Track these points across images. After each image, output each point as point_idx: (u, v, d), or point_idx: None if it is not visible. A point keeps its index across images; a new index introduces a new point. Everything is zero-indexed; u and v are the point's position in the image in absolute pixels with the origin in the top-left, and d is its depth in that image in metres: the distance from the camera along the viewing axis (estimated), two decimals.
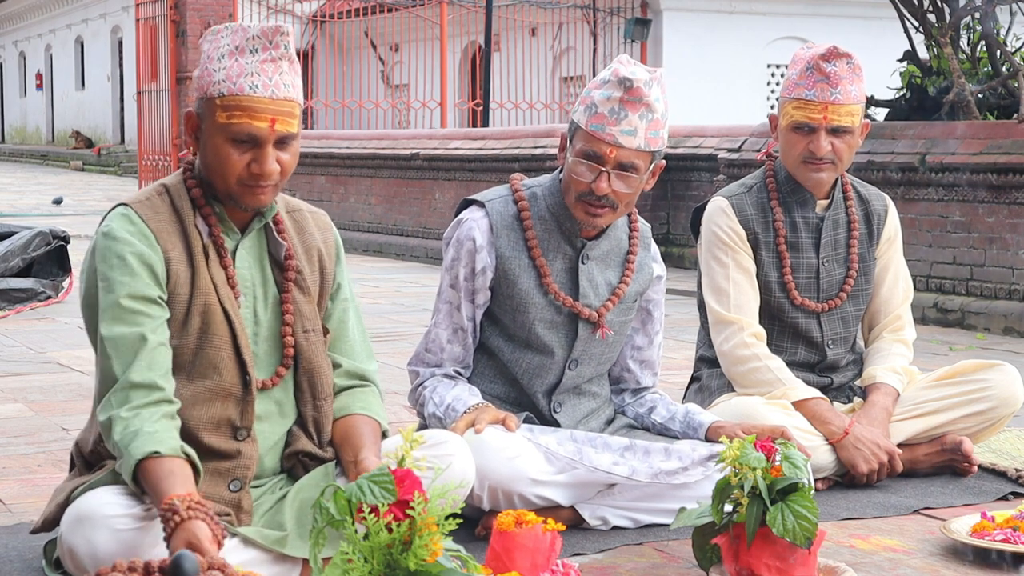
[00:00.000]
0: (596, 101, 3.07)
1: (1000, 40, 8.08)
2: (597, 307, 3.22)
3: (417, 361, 3.29)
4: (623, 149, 3.05)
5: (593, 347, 3.25)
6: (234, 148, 2.61)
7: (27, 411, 4.74)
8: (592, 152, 3.06)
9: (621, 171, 3.06)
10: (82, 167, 27.89)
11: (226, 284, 2.68)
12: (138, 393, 2.53)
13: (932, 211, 7.27)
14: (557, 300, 3.19)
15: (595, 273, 3.23)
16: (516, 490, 3.04)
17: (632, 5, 19.51)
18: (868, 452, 3.55)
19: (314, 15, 20.47)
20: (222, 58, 2.62)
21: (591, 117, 3.07)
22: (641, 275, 3.30)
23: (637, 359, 3.40)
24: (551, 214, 3.20)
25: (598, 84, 3.10)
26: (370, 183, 12.61)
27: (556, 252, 3.20)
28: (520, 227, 3.19)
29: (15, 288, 7.71)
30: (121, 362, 2.55)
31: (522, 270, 3.18)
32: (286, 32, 2.64)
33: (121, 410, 2.51)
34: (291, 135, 2.64)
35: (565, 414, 3.27)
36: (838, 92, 3.58)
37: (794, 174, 3.71)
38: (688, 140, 10.53)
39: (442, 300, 3.24)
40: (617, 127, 3.04)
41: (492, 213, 3.20)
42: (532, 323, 3.19)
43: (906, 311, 3.88)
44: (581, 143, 3.08)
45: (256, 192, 2.64)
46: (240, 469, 2.67)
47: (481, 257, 3.17)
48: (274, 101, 2.60)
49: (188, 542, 2.29)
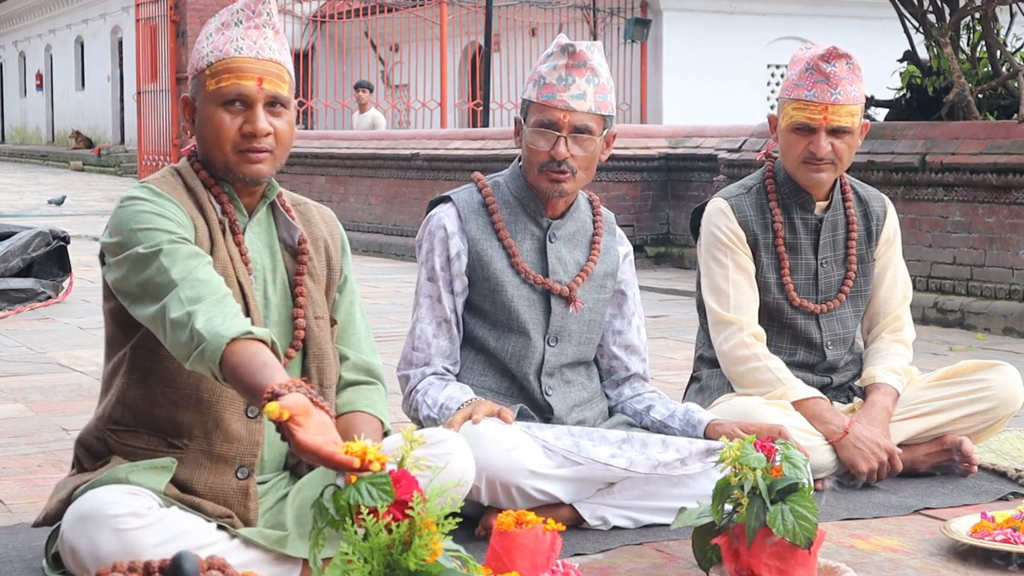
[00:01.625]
0: (543, 73, 3.23)
1: (1000, 40, 8.08)
2: (567, 283, 3.31)
3: (405, 364, 3.31)
4: (575, 113, 3.18)
5: (570, 323, 3.31)
6: (226, 112, 2.66)
7: (27, 411, 4.74)
8: (547, 120, 3.20)
9: (576, 134, 3.19)
10: (82, 167, 27.89)
11: (240, 260, 2.70)
12: (209, 288, 2.48)
13: (932, 211, 7.27)
14: (528, 278, 3.27)
15: (563, 252, 3.33)
16: (514, 482, 3.05)
17: (632, 5, 19.52)
18: (868, 451, 3.55)
19: (314, 15, 20.48)
20: (210, 36, 2.71)
21: (540, 89, 3.21)
22: (608, 257, 3.39)
23: (620, 344, 3.44)
24: (515, 198, 3.32)
25: (542, 59, 3.27)
26: (370, 183, 12.62)
27: (524, 233, 3.31)
28: (487, 212, 3.32)
29: (15, 288, 7.70)
30: (181, 268, 2.49)
31: (493, 251, 3.28)
32: (268, 1, 2.71)
33: (198, 305, 2.42)
34: (282, 99, 2.67)
35: (557, 398, 3.30)
36: (838, 93, 3.58)
37: (794, 175, 3.71)
38: (688, 140, 10.54)
39: (422, 295, 3.33)
40: (567, 92, 3.18)
41: (459, 202, 3.33)
42: (511, 301, 3.26)
43: (905, 311, 3.88)
44: (535, 115, 3.22)
45: (252, 159, 2.66)
46: (247, 455, 2.67)
47: (454, 242, 3.29)
48: (260, 60, 2.66)
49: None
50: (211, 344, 2.37)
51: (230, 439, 2.66)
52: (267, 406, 2.17)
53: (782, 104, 3.68)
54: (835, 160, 3.64)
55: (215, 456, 2.65)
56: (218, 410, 2.65)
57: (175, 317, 2.44)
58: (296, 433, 2.16)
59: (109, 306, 2.71)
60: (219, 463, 2.65)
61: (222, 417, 2.65)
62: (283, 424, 2.17)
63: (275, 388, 2.23)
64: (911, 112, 8.47)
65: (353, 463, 2.11)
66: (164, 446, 2.66)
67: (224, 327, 2.38)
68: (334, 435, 2.20)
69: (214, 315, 2.41)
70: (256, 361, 2.34)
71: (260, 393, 2.25)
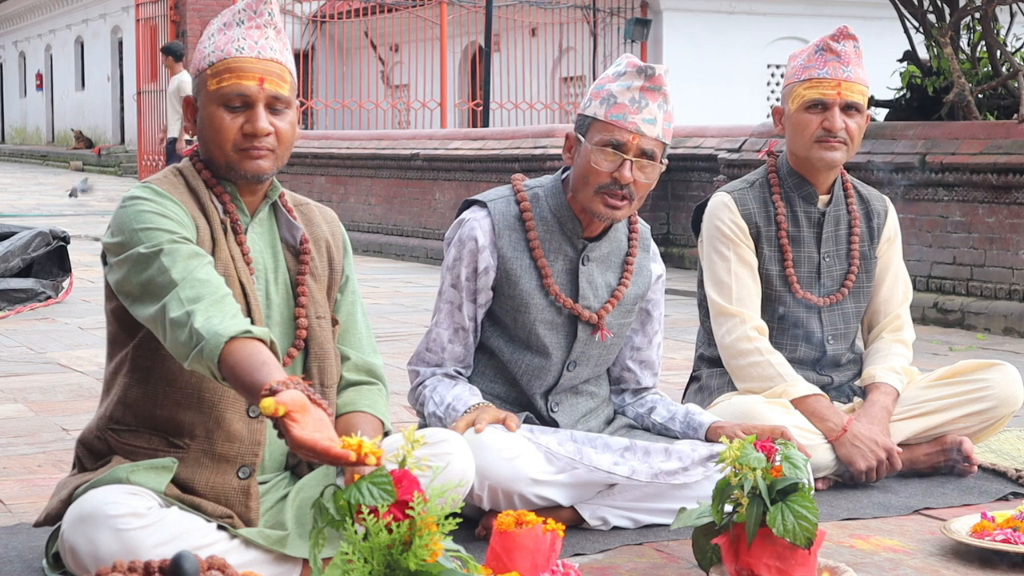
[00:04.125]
0: (614, 92, 3.10)
1: (1000, 40, 8.08)
2: (596, 309, 3.23)
3: (417, 361, 3.29)
4: (645, 137, 3.09)
5: (592, 349, 3.26)
6: (227, 112, 2.66)
7: (27, 411, 4.74)
8: (614, 141, 3.08)
9: (642, 159, 3.10)
10: (82, 167, 27.88)
11: (242, 260, 2.70)
12: (208, 288, 2.48)
13: (932, 211, 7.27)
14: (558, 301, 3.19)
15: (595, 275, 3.24)
16: (516, 490, 3.04)
17: (632, 5, 19.51)
18: (866, 449, 3.56)
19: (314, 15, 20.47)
20: (212, 36, 2.71)
21: (610, 108, 3.10)
22: (640, 278, 3.31)
23: (637, 359, 3.40)
24: (553, 215, 3.21)
25: (612, 77, 3.13)
26: (370, 183, 12.62)
27: (557, 253, 3.21)
28: (522, 228, 3.20)
29: (15, 288, 7.70)
30: (182, 267, 2.50)
31: (523, 271, 3.18)
32: (269, 1, 2.71)
33: (197, 304, 2.43)
34: (283, 98, 2.67)
35: (563, 414, 3.27)
36: (848, 70, 3.63)
37: (807, 157, 3.68)
38: (688, 140, 10.53)
39: (443, 300, 3.24)
40: (639, 115, 3.08)
41: (494, 213, 3.21)
42: (533, 324, 3.19)
43: (905, 312, 3.89)
44: (601, 134, 3.10)
45: (253, 156, 2.66)
46: (248, 455, 2.67)
47: (483, 257, 3.18)
48: (261, 60, 2.66)
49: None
50: (210, 343, 2.37)
51: (232, 439, 2.66)
52: (263, 401, 2.17)
53: (791, 89, 3.69)
54: (847, 140, 3.65)
55: (217, 456, 2.65)
56: (220, 410, 2.65)
57: (174, 316, 2.44)
58: (292, 429, 2.16)
59: (111, 306, 2.71)
60: (221, 463, 2.65)
61: (224, 417, 2.65)
62: (279, 420, 2.17)
63: (272, 385, 2.23)
64: (911, 112, 8.47)
65: (349, 456, 2.12)
66: (166, 446, 2.66)
67: (223, 326, 2.38)
68: (331, 432, 2.20)
69: (213, 314, 2.41)
70: (255, 360, 2.34)
71: (258, 391, 2.25)
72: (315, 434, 2.17)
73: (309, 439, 2.15)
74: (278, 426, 2.19)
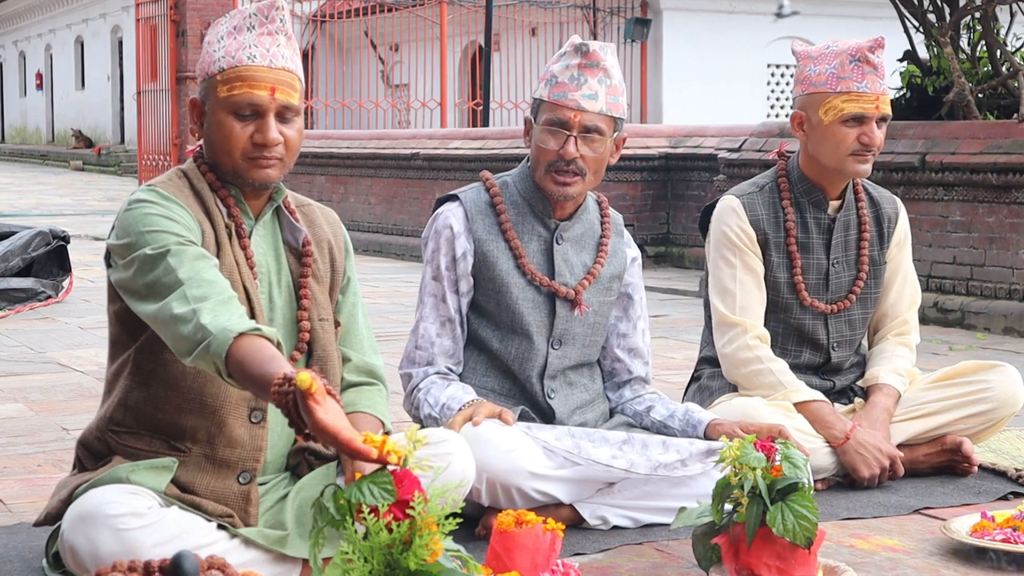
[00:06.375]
0: (555, 72, 3.22)
1: (1000, 40, 8.08)
2: (574, 286, 3.30)
3: (408, 363, 3.31)
4: (586, 113, 3.18)
5: (574, 326, 3.30)
6: (237, 121, 2.64)
7: (27, 411, 4.74)
8: (557, 119, 3.18)
9: (586, 134, 3.18)
10: (82, 167, 27.90)
11: (246, 264, 2.70)
12: (215, 288, 2.48)
13: (932, 211, 7.27)
14: (534, 280, 3.26)
15: (570, 254, 3.32)
16: (514, 483, 3.05)
17: (632, 5, 19.52)
18: (871, 457, 3.55)
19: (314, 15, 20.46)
20: (221, 39, 2.68)
21: (552, 88, 3.20)
22: (615, 259, 3.38)
23: (624, 347, 3.44)
24: (523, 198, 3.31)
25: (555, 59, 3.26)
26: (370, 183, 12.62)
27: (531, 234, 3.29)
28: (494, 212, 3.30)
29: (15, 288, 7.70)
30: (188, 268, 2.50)
31: (499, 252, 3.26)
32: (281, 7, 2.69)
33: (203, 303, 2.43)
34: (293, 107, 2.67)
35: (559, 400, 3.30)
36: (883, 84, 3.61)
37: (839, 168, 3.63)
38: (688, 140, 10.53)
39: (427, 293, 3.30)
40: (579, 92, 3.17)
41: (466, 202, 3.31)
42: (515, 303, 3.25)
43: (913, 316, 3.86)
44: (546, 114, 3.21)
45: (261, 165, 2.66)
46: (249, 460, 2.67)
47: (460, 243, 3.27)
48: (272, 70, 2.64)
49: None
50: (218, 338, 2.37)
51: (233, 444, 2.66)
52: (300, 374, 2.12)
53: (824, 99, 3.59)
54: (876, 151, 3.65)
55: (217, 461, 2.64)
56: (222, 415, 2.65)
57: (179, 313, 2.44)
58: (316, 411, 2.12)
59: (114, 308, 2.71)
60: (221, 468, 2.65)
61: (226, 422, 2.65)
62: (304, 399, 2.12)
63: (287, 374, 2.20)
64: (911, 112, 8.47)
65: (371, 453, 2.09)
66: (166, 449, 2.66)
67: (231, 323, 2.38)
68: (348, 423, 2.17)
69: (220, 312, 2.42)
70: (264, 354, 2.33)
71: (268, 383, 2.23)
72: (339, 420, 2.15)
73: (332, 425, 2.11)
74: (297, 409, 2.15)
